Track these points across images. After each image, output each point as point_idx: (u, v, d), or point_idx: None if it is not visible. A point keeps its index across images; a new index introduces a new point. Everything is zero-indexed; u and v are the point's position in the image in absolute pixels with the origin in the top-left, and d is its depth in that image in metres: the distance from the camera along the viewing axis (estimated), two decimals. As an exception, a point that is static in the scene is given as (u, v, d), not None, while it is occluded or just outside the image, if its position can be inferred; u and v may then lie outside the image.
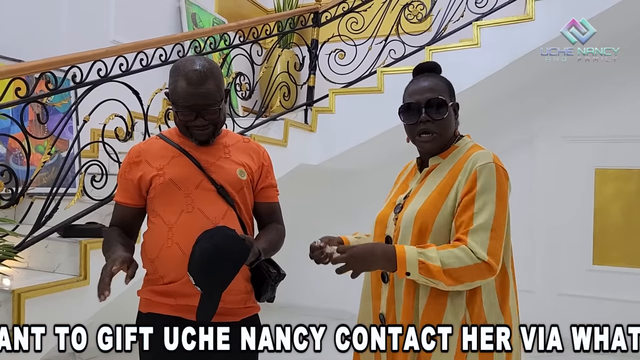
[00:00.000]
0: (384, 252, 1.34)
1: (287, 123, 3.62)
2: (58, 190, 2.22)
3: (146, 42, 2.67)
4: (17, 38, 3.13)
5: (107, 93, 2.43)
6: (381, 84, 3.81)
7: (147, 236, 1.60)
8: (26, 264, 2.33)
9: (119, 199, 1.63)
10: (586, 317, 3.60)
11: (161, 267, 1.53)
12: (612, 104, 4.16)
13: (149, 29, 3.64)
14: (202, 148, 1.59)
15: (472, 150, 1.46)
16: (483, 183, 1.36)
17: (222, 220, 1.51)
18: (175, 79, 1.50)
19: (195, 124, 1.52)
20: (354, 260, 1.32)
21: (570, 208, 4.24)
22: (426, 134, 1.45)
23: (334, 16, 4.15)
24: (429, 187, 1.44)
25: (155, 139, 1.65)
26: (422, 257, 1.30)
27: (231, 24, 3.50)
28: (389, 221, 1.49)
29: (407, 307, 1.39)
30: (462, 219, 1.35)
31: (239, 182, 1.59)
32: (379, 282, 1.49)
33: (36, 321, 1.98)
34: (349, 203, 4.97)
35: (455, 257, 1.30)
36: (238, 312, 1.57)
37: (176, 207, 1.51)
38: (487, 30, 3.68)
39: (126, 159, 1.62)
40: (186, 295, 1.49)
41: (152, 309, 1.55)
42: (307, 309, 4.99)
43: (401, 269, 1.31)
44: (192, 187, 1.53)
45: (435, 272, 1.29)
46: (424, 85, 1.46)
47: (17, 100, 2.05)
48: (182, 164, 1.56)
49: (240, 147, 1.67)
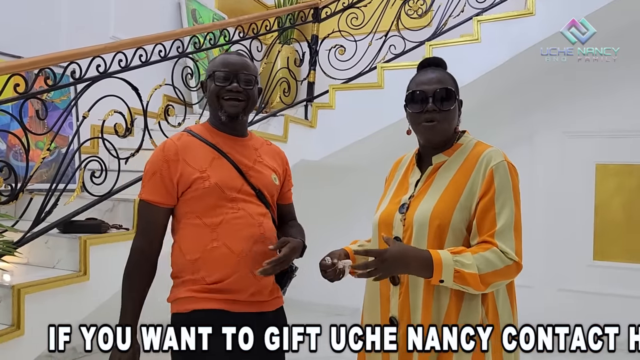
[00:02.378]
0: (417, 257, 1.30)
1: (287, 119, 3.62)
2: (57, 186, 2.22)
3: (145, 38, 2.67)
4: (17, 34, 3.13)
5: (107, 89, 2.43)
6: (381, 79, 3.80)
7: (182, 237, 1.56)
8: (26, 259, 2.34)
9: (153, 198, 1.54)
10: (586, 312, 3.61)
11: (206, 267, 1.51)
12: (613, 99, 4.16)
13: (149, 25, 3.64)
14: (238, 149, 1.60)
15: (478, 147, 1.45)
16: (500, 182, 1.36)
17: (264, 219, 1.58)
18: (215, 59, 1.63)
19: (230, 88, 1.55)
20: (387, 266, 1.28)
21: (570, 203, 4.24)
22: (431, 122, 1.43)
23: (334, 12, 4.14)
24: (439, 185, 1.42)
25: (186, 136, 1.60)
26: (458, 265, 1.28)
27: (230, 20, 3.50)
28: (394, 222, 1.45)
29: (428, 308, 1.36)
30: (485, 221, 1.35)
31: (274, 187, 1.66)
32: (386, 284, 1.45)
33: (36, 316, 1.99)
34: (349, 199, 4.98)
35: (487, 261, 1.30)
36: (271, 303, 1.61)
37: (220, 209, 1.52)
38: (488, 25, 3.67)
39: (161, 156, 1.54)
40: (234, 291, 1.51)
41: (198, 305, 1.50)
42: (306, 305, 5.00)
43: (437, 276, 1.29)
44: (235, 191, 1.54)
45: (470, 279, 1.28)
46: (432, 76, 1.46)
47: (16, 96, 2.04)
48: (224, 167, 1.56)
49: (267, 151, 1.71)
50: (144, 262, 1.55)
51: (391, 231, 1.45)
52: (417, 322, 1.38)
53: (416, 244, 1.38)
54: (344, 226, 4.96)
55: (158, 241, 1.57)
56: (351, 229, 5.02)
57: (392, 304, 1.43)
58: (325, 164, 4.16)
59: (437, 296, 1.36)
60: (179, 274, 1.56)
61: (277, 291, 1.65)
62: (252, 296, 1.54)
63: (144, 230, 1.56)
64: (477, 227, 1.35)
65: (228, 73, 1.56)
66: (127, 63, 2.59)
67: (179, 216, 1.57)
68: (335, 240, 5.74)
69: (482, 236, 1.34)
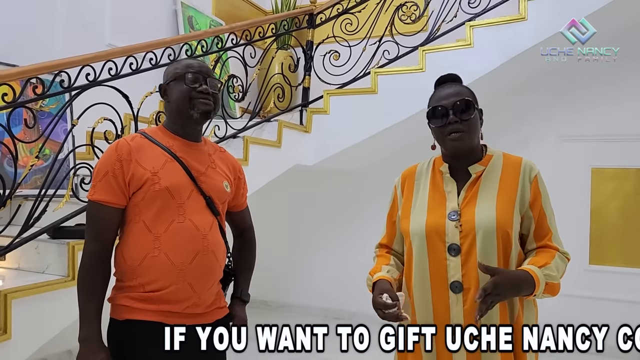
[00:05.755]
0: (523, 279, 1.37)
1: (281, 124, 3.65)
2: (47, 193, 2.26)
3: (135, 46, 2.71)
4: (12, 43, 3.18)
5: (100, 96, 2.46)
6: (375, 84, 3.82)
7: (125, 243, 1.53)
8: (17, 264, 2.38)
9: (105, 198, 1.49)
10: (582, 316, 3.59)
11: (144, 275, 1.49)
12: (609, 103, 4.15)
13: (145, 33, 3.68)
14: (192, 153, 1.59)
15: (510, 157, 1.55)
16: (543, 190, 1.49)
17: (209, 231, 1.55)
18: (176, 64, 1.65)
19: (201, 89, 1.58)
20: (501, 298, 1.34)
21: (566, 208, 4.20)
22: (456, 133, 1.48)
23: (328, 17, 4.17)
24: (488, 193, 1.47)
25: (140, 138, 1.58)
26: (548, 278, 1.39)
27: (223, 27, 3.54)
28: (447, 229, 1.46)
29: (504, 314, 1.43)
30: (542, 227, 1.47)
31: (225, 194, 1.64)
32: (443, 292, 1.45)
33: (23, 321, 2.03)
34: (344, 203, 5.01)
35: (559, 267, 1.44)
36: (210, 315, 1.60)
37: (167, 215, 1.50)
38: (480, 30, 3.68)
39: (114, 155, 1.51)
40: (170, 302, 1.50)
41: (132, 315, 1.50)
42: (304, 309, 5.03)
43: (535, 291, 1.37)
44: (184, 197, 1.52)
45: (555, 289, 1.42)
46: (449, 91, 1.52)
47: (3, 105, 2.09)
48: (176, 171, 1.54)
49: (220, 158, 1.71)
50: (100, 265, 1.51)
51: (444, 239, 1.46)
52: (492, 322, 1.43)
53: (482, 249, 1.42)
54: (338, 231, 5.00)
55: (112, 243, 1.55)
56: (346, 233, 5.08)
57: (455, 312, 1.44)
58: (319, 169, 4.19)
59: (510, 301, 1.44)
60: (120, 277, 1.55)
61: (218, 302, 1.63)
62: (188, 309, 1.52)
63: (97, 234, 1.51)
64: (535, 233, 1.48)
65: (198, 75, 1.59)
66: (118, 71, 2.62)
67: (126, 220, 1.54)
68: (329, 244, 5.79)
69: (542, 241, 1.47)
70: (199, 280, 1.51)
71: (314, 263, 5.07)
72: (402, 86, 3.74)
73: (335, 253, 4.96)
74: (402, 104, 3.70)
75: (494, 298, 1.31)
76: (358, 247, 3.80)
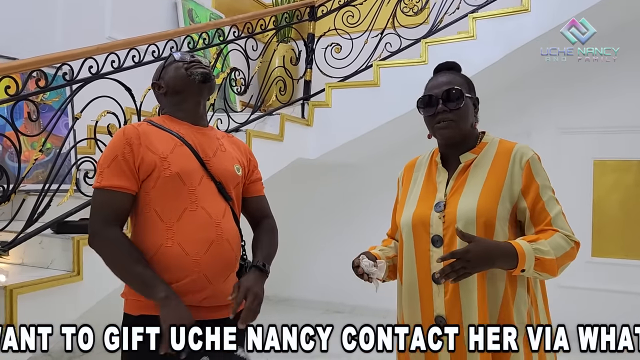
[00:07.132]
0: (502, 251, 1.31)
1: (284, 117, 3.63)
2: (51, 187, 2.24)
3: (138, 38, 2.68)
4: (12, 36, 3.14)
5: (102, 89, 2.43)
6: (377, 77, 3.80)
7: (137, 233, 1.48)
8: (21, 260, 2.36)
9: (115, 183, 1.42)
10: (585, 309, 3.61)
11: (159, 267, 1.43)
12: (610, 95, 4.14)
13: (145, 26, 3.64)
14: (200, 138, 1.56)
15: (505, 144, 1.50)
16: (539, 174, 1.43)
17: (222, 218, 1.50)
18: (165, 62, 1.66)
19: (192, 60, 1.61)
20: (473, 265, 1.28)
21: (568, 200, 4.16)
22: (444, 122, 1.47)
23: (330, 10, 4.14)
24: (475, 182, 1.44)
25: (146, 125, 1.52)
26: (538, 252, 1.32)
27: (225, 20, 3.51)
28: (432, 220, 1.45)
29: (483, 306, 1.37)
30: (538, 212, 1.40)
31: (236, 177, 1.59)
32: (428, 283, 1.44)
33: (28, 317, 2.01)
34: (346, 196, 5.00)
35: (558, 245, 1.36)
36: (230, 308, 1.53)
37: (179, 203, 1.45)
38: (483, 22, 3.66)
39: (123, 139, 1.44)
40: (186, 294, 1.43)
41: (147, 310, 1.43)
42: (306, 302, 5.02)
43: (520, 266, 1.31)
44: (196, 183, 1.47)
45: (548, 265, 1.32)
46: (441, 80, 1.52)
47: (6, 98, 2.06)
48: (186, 155, 1.49)
49: (229, 142, 1.68)
50: (124, 238, 1.43)
51: (429, 230, 1.46)
52: (471, 320, 1.38)
53: None
54: (341, 224, 4.99)
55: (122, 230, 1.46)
56: (348, 227, 5.07)
57: (437, 303, 1.43)
58: (322, 162, 4.17)
59: (492, 291, 1.38)
60: None
61: None
62: (205, 301, 1.47)
63: (106, 219, 1.42)
64: (532, 219, 1.41)
65: (184, 56, 1.64)
66: (120, 64, 2.60)
67: (136, 210, 1.48)
68: (331, 238, 5.79)
69: (540, 226, 1.40)
70: (215, 271, 1.46)
71: (315, 257, 5.06)
72: (404, 79, 3.71)
73: (337, 246, 4.93)
74: (405, 96, 3.65)
75: (465, 264, 1.26)
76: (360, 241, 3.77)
